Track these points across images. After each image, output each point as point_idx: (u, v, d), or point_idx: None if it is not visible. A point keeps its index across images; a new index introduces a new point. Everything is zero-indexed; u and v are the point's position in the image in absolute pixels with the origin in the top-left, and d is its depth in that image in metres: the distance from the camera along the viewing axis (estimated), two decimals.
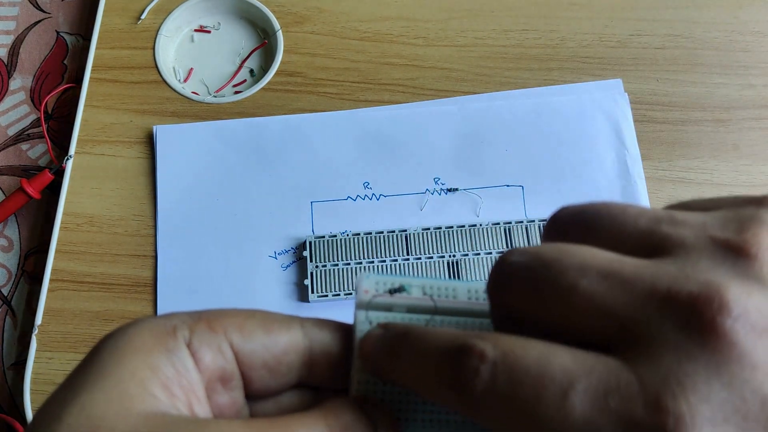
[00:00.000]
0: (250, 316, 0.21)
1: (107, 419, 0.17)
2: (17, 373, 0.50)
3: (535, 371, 0.16)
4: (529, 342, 0.16)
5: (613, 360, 0.15)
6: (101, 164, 0.53)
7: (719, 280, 0.15)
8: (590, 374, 0.15)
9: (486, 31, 0.57)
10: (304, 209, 0.51)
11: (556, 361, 0.16)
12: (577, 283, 0.16)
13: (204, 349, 0.20)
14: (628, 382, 0.15)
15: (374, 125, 0.54)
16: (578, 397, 0.15)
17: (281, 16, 0.58)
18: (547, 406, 0.15)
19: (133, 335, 0.19)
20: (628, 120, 0.53)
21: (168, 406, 0.18)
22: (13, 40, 0.60)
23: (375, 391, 0.21)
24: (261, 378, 0.21)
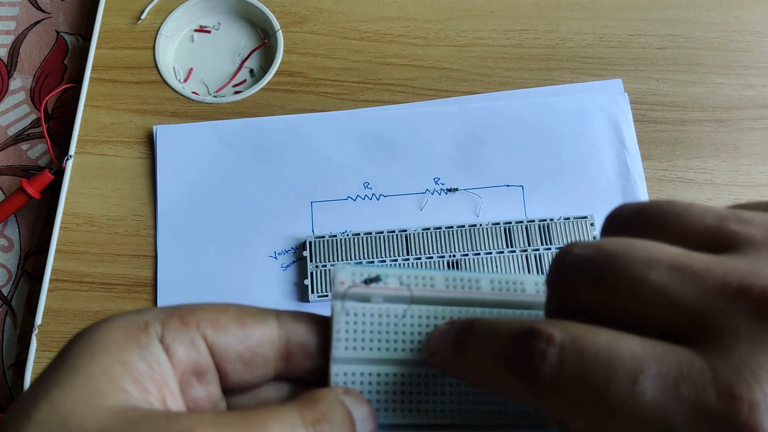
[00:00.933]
0: (224, 310, 0.21)
1: (77, 415, 0.17)
2: (17, 373, 0.50)
3: (604, 355, 0.16)
4: (596, 328, 0.16)
5: (683, 349, 0.15)
6: (101, 164, 0.53)
7: None
8: (660, 361, 0.15)
9: (486, 31, 0.57)
10: (304, 209, 0.51)
11: (625, 347, 0.16)
12: (645, 276, 0.16)
13: (176, 344, 0.20)
14: (700, 370, 0.15)
15: (374, 125, 0.54)
16: (649, 382, 0.15)
17: (281, 16, 0.58)
18: (617, 390, 0.15)
19: (105, 331, 0.19)
20: (628, 120, 0.53)
21: (140, 400, 0.18)
22: (13, 40, 0.60)
23: (352, 382, 0.21)
24: (236, 371, 0.21)
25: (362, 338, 0.22)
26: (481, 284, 0.22)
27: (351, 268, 0.22)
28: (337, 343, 0.21)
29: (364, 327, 0.22)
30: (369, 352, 0.22)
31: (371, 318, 0.22)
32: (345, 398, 0.20)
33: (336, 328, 0.22)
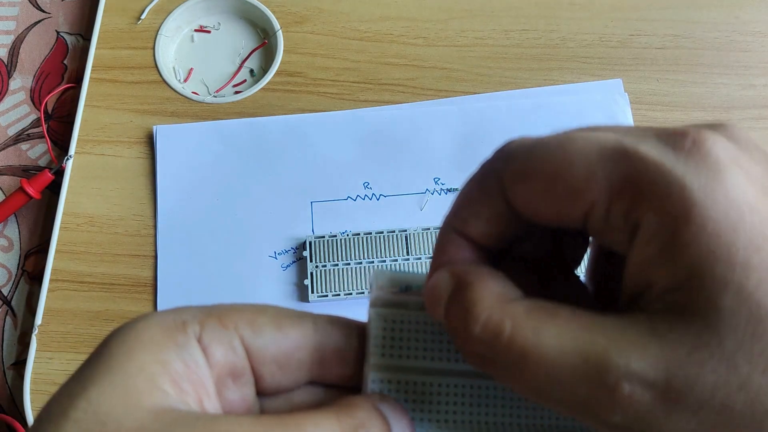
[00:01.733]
0: (262, 312, 0.21)
1: (114, 415, 0.17)
2: (17, 373, 0.50)
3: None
4: None
5: None
6: (101, 164, 0.53)
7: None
8: (626, 131, 0.18)
9: (486, 31, 0.57)
10: (304, 209, 0.51)
11: None
12: None
13: (214, 345, 0.19)
14: (652, 130, 0.18)
15: (374, 125, 0.54)
16: (607, 133, 0.18)
17: (281, 16, 0.58)
18: (582, 133, 0.19)
19: (143, 330, 0.19)
20: (628, 120, 0.53)
21: (177, 401, 0.18)
22: (13, 40, 0.60)
23: (389, 390, 0.21)
24: (272, 374, 0.20)
25: (399, 345, 0.21)
26: None
27: (390, 274, 0.22)
28: (375, 350, 0.21)
29: (402, 334, 0.21)
30: (406, 360, 0.21)
31: (409, 325, 0.21)
32: (382, 406, 0.20)
33: (374, 334, 0.21)
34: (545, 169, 0.18)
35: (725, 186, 0.16)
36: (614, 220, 0.17)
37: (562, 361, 0.16)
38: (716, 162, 0.16)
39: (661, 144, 0.17)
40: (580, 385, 0.16)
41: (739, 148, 0.17)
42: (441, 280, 0.19)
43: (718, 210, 0.15)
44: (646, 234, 0.16)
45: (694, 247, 0.15)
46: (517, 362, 0.17)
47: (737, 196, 0.16)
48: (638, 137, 0.17)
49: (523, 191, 0.18)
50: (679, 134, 0.17)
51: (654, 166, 0.16)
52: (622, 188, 0.17)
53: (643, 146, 0.17)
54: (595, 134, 0.18)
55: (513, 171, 0.19)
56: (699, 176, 0.16)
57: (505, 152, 0.19)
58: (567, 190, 0.17)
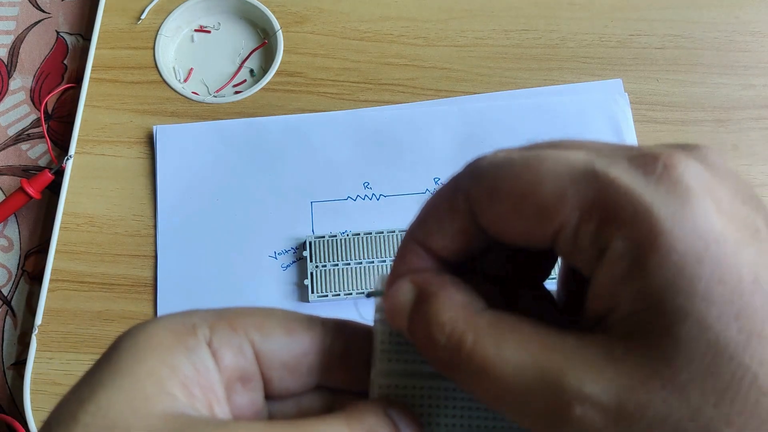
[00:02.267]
0: (271, 316, 0.21)
1: (124, 419, 0.17)
2: (17, 373, 0.50)
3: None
4: None
5: None
6: (101, 164, 0.53)
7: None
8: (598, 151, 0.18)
9: (486, 31, 0.57)
10: (304, 209, 0.51)
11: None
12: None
13: (224, 349, 0.19)
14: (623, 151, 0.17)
15: (374, 125, 0.54)
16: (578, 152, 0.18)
17: (281, 16, 0.58)
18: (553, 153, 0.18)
19: (152, 333, 0.19)
20: (628, 120, 0.53)
21: (187, 406, 0.18)
22: (13, 40, 0.60)
23: (396, 395, 0.21)
24: (280, 378, 0.20)
25: (405, 351, 0.21)
26: None
27: None
28: (381, 355, 0.21)
29: (408, 339, 0.21)
30: (412, 365, 0.21)
31: None
32: (391, 412, 0.20)
33: (380, 339, 0.21)
34: (514, 189, 0.18)
35: (693, 215, 0.15)
36: (582, 242, 0.17)
37: (519, 376, 0.17)
38: (686, 189, 0.16)
39: (633, 167, 0.16)
40: (534, 400, 0.16)
41: (711, 173, 0.16)
42: (402, 290, 0.19)
43: (684, 240, 0.15)
44: (612, 258, 0.16)
45: (657, 276, 0.15)
46: (477, 373, 0.17)
47: (704, 226, 0.15)
48: (610, 159, 0.17)
49: (491, 211, 0.18)
50: (650, 157, 0.16)
51: (623, 191, 0.16)
52: (591, 211, 0.17)
53: (614, 169, 0.16)
54: (566, 154, 0.17)
55: (481, 190, 0.18)
56: (667, 204, 0.16)
57: (474, 169, 0.19)
58: (535, 210, 0.17)
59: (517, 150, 0.18)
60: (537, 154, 0.18)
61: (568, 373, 0.16)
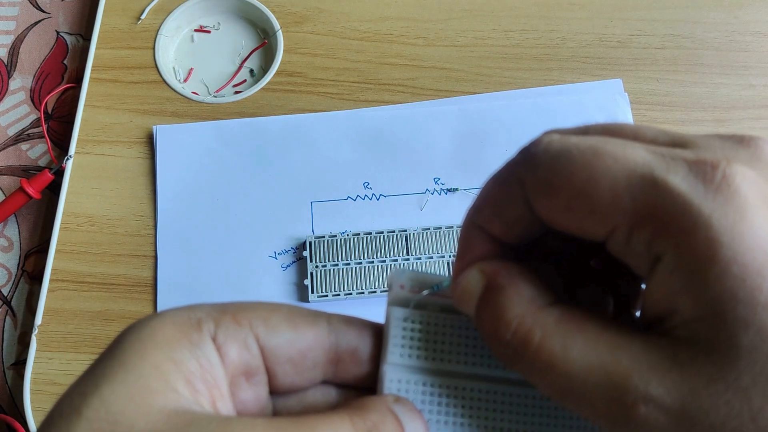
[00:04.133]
0: (276, 310, 0.20)
1: (127, 414, 0.17)
2: (17, 373, 0.50)
3: (599, 126, 0.19)
4: None
5: (669, 147, 0.18)
6: (101, 164, 0.53)
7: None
8: (652, 141, 0.18)
9: (486, 31, 0.57)
10: (304, 209, 0.51)
11: (620, 139, 0.18)
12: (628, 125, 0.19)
13: (229, 343, 0.19)
14: (682, 151, 0.17)
15: (374, 125, 0.54)
16: (639, 146, 0.18)
17: (281, 16, 0.58)
18: (612, 145, 0.18)
19: (157, 327, 0.19)
20: (628, 120, 0.53)
21: (191, 402, 0.18)
22: (13, 40, 0.60)
23: (405, 391, 0.21)
24: (285, 373, 0.20)
25: (417, 346, 0.21)
26: None
27: (409, 273, 0.22)
28: (392, 349, 0.21)
29: (420, 335, 0.21)
30: (423, 361, 0.21)
31: (427, 327, 0.21)
32: (396, 407, 0.20)
33: (392, 333, 0.21)
34: (569, 186, 0.18)
35: (753, 228, 0.16)
36: (636, 246, 0.17)
37: (586, 376, 0.17)
38: (745, 200, 0.16)
39: (692, 176, 0.16)
40: (600, 399, 0.17)
41: (765, 180, 0.17)
42: (471, 280, 0.20)
43: (744, 253, 0.16)
44: (669, 266, 0.16)
45: (718, 288, 0.16)
46: (543, 370, 0.18)
47: (764, 236, 0.16)
48: (669, 164, 0.17)
49: (545, 203, 0.18)
50: (709, 165, 0.16)
51: (682, 201, 0.16)
52: (646, 218, 0.17)
53: (673, 177, 0.16)
54: (624, 150, 0.17)
55: (536, 181, 0.18)
56: (727, 216, 0.16)
57: (530, 156, 0.19)
58: (589, 210, 0.17)
59: (574, 137, 0.18)
60: (594, 148, 0.18)
61: (634, 375, 0.17)
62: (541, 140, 0.19)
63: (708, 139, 0.18)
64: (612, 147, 0.17)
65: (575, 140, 0.18)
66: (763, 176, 0.17)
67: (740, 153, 0.17)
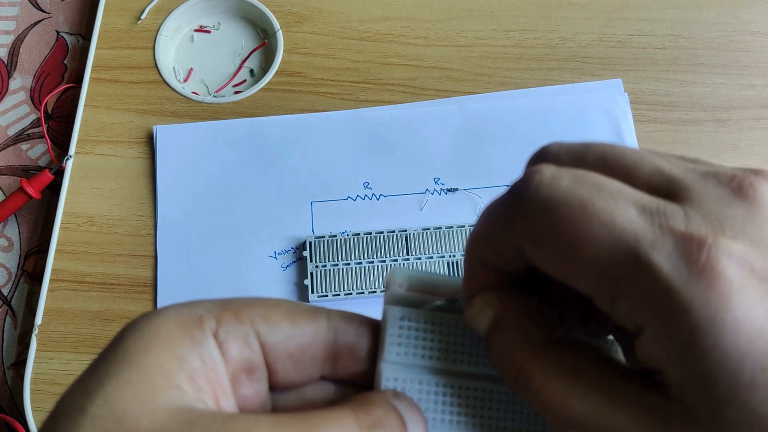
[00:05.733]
0: (276, 306, 0.21)
1: (132, 412, 0.17)
2: (17, 373, 0.50)
3: (592, 179, 0.18)
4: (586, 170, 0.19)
5: (661, 198, 0.18)
6: (101, 164, 0.53)
7: (751, 173, 0.18)
8: (640, 196, 0.17)
9: (486, 31, 0.57)
10: (304, 209, 0.51)
11: (612, 182, 0.18)
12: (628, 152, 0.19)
13: (231, 340, 0.19)
14: (674, 210, 0.17)
15: (374, 125, 0.54)
16: (628, 204, 0.17)
17: (281, 16, 0.58)
18: (600, 202, 0.17)
19: (159, 324, 0.19)
20: (628, 120, 0.53)
21: (194, 399, 0.18)
22: (13, 40, 0.60)
23: (402, 388, 0.21)
24: (285, 369, 0.20)
25: (414, 344, 0.21)
26: None
27: (407, 271, 0.22)
28: (389, 347, 0.21)
29: (417, 333, 0.21)
30: (420, 359, 0.21)
31: (424, 325, 0.21)
32: (397, 403, 0.20)
33: (389, 331, 0.21)
34: (554, 243, 0.18)
35: (735, 314, 0.16)
36: (619, 311, 0.17)
37: (584, 422, 0.18)
38: (728, 285, 0.16)
39: (676, 255, 0.16)
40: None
41: (756, 249, 0.16)
42: (481, 315, 0.20)
43: (726, 340, 0.16)
44: (651, 339, 0.17)
45: (700, 368, 0.16)
46: (545, 407, 0.19)
47: (747, 321, 0.16)
48: (656, 237, 0.16)
49: (531, 250, 0.18)
50: (696, 243, 0.16)
51: (664, 284, 0.16)
52: (628, 293, 0.17)
53: (657, 256, 0.16)
54: (614, 216, 0.17)
55: (523, 227, 0.18)
56: (709, 302, 0.16)
57: (519, 200, 0.19)
58: (573, 270, 0.18)
59: (566, 177, 0.18)
60: (583, 205, 0.17)
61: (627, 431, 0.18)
62: (533, 178, 0.18)
63: (704, 187, 0.17)
64: (602, 204, 0.17)
65: (566, 185, 0.18)
66: (754, 243, 0.16)
67: (735, 211, 0.17)
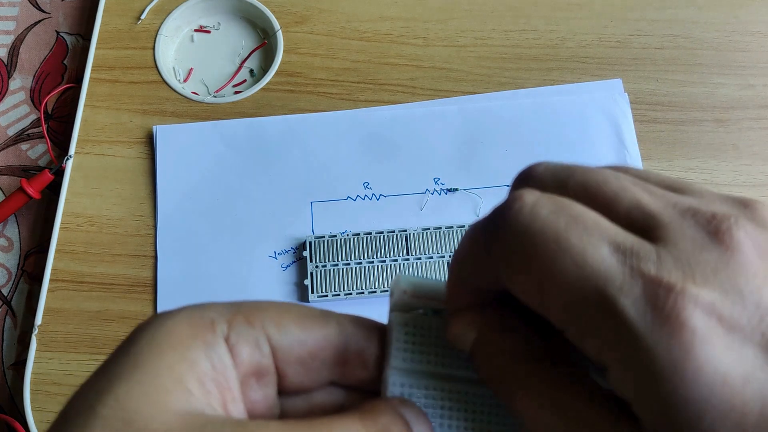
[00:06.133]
0: (287, 310, 0.21)
1: (142, 414, 0.17)
2: (17, 373, 0.50)
3: (569, 210, 0.18)
4: (567, 199, 0.19)
5: (637, 236, 0.17)
6: (101, 164, 0.53)
7: (734, 212, 0.18)
8: (615, 233, 0.17)
9: (486, 31, 0.57)
10: (304, 209, 0.51)
11: (590, 214, 0.18)
12: (610, 178, 0.19)
13: (242, 344, 0.19)
14: (648, 251, 0.17)
15: (374, 125, 0.54)
16: (603, 241, 0.17)
17: (281, 16, 0.58)
18: (574, 238, 0.17)
19: (171, 327, 0.19)
20: (628, 120, 0.53)
21: (202, 403, 0.18)
22: (13, 40, 0.60)
23: (409, 394, 0.21)
24: (295, 373, 0.20)
25: (420, 351, 0.21)
26: None
27: (412, 278, 0.22)
28: (396, 353, 0.21)
29: (423, 339, 0.21)
30: (426, 365, 0.21)
31: (430, 331, 0.21)
32: (404, 411, 0.20)
33: (395, 338, 0.21)
34: (528, 273, 0.18)
35: (697, 362, 0.16)
36: (586, 347, 0.17)
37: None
38: (692, 335, 0.16)
39: (643, 301, 0.16)
40: None
41: (725, 297, 0.16)
42: (464, 333, 0.20)
43: (687, 388, 0.16)
44: (618, 379, 0.17)
45: (662, 410, 0.16)
46: (526, 419, 0.19)
47: (710, 370, 0.16)
48: (625, 280, 0.17)
49: (507, 277, 0.19)
50: (663, 289, 0.16)
51: (628, 329, 0.16)
52: (594, 333, 0.17)
53: (624, 300, 0.16)
54: (585, 254, 0.17)
55: (500, 254, 0.18)
56: (671, 350, 0.16)
57: (498, 225, 0.19)
58: (544, 302, 0.18)
59: (546, 205, 0.18)
60: (557, 239, 0.17)
61: None
62: (513, 205, 0.18)
63: (681, 227, 0.17)
64: (576, 240, 0.17)
65: (544, 216, 0.18)
66: (724, 291, 0.16)
67: (709, 256, 0.17)
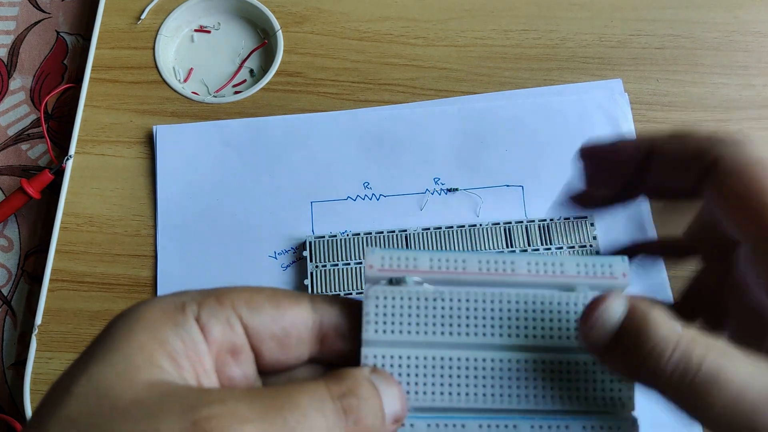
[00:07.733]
0: (258, 291, 0.21)
1: (114, 389, 0.18)
2: (17, 373, 0.50)
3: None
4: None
5: None
6: (101, 164, 0.53)
7: None
8: None
9: (486, 31, 0.57)
10: (304, 209, 0.51)
11: None
12: None
13: (212, 322, 0.20)
14: None
15: (374, 125, 0.54)
16: None
17: (281, 16, 0.58)
18: None
19: (143, 312, 0.20)
20: (628, 120, 0.53)
21: (174, 376, 0.19)
22: (13, 40, 0.60)
23: (383, 365, 0.21)
24: (271, 351, 0.21)
25: (392, 321, 0.22)
26: (517, 266, 0.22)
27: (380, 252, 0.22)
28: (367, 326, 0.22)
29: (395, 310, 0.22)
30: (399, 335, 0.22)
31: (401, 301, 0.22)
32: (373, 376, 0.21)
33: (366, 311, 0.22)
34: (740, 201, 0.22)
35: None
36: None
37: (752, 387, 0.18)
38: None
39: None
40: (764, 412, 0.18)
41: None
42: (615, 306, 0.20)
43: None
44: None
45: None
46: (705, 383, 0.18)
47: None
48: None
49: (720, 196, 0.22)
50: None
51: None
52: None
53: None
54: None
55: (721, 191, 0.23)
56: None
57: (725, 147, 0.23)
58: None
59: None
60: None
61: None
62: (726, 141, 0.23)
63: None
64: None
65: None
66: None
67: None
